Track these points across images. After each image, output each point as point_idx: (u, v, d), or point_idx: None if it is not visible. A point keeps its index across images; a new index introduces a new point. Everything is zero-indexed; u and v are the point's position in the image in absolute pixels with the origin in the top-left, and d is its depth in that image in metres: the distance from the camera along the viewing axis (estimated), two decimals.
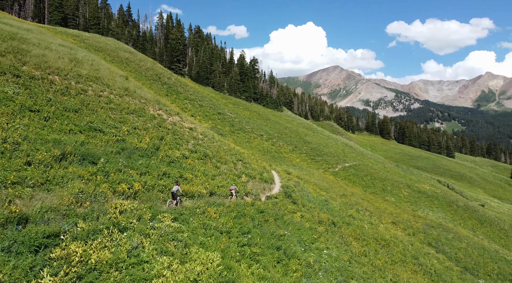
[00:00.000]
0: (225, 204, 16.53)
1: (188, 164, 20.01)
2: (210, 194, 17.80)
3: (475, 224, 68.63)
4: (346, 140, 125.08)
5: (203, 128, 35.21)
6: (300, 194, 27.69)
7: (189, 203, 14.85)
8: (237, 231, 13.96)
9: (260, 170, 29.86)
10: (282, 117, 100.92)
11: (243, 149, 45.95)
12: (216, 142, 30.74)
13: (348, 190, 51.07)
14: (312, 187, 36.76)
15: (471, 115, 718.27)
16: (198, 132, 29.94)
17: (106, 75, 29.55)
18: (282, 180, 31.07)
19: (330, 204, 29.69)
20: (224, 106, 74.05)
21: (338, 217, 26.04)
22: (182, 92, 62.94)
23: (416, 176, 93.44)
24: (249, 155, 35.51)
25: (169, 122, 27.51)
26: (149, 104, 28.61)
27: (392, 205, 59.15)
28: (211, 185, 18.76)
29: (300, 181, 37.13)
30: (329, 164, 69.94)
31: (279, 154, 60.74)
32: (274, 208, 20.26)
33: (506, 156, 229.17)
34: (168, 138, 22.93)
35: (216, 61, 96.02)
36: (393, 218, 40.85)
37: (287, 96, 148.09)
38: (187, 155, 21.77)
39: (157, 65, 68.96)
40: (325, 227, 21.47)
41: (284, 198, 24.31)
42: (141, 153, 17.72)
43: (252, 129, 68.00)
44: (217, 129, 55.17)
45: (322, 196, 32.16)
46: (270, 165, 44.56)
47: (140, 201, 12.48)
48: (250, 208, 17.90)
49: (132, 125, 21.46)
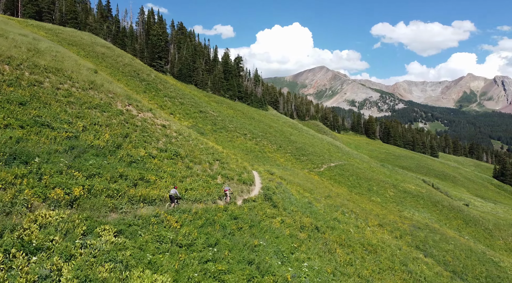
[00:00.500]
0: (192, 211, 14.35)
1: (153, 164, 17.73)
2: None
3: (460, 224, 68.20)
4: (331, 139, 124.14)
5: (179, 125, 32.88)
6: (282, 196, 25.71)
7: (146, 210, 12.61)
8: (202, 243, 11.81)
9: (239, 171, 27.76)
10: (267, 116, 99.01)
11: (223, 149, 43.72)
12: (192, 141, 28.48)
13: (333, 191, 49.47)
14: (295, 188, 34.87)
15: (453, 115, 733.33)
16: (172, 130, 27.62)
17: (70, 67, 26.91)
18: (263, 181, 29.04)
19: (314, 206, 27.82)
20: (207, 104, 71.64)
21: (322, 221, 24.16)
22: (162, 89, 60.27)
23: (402, 175, 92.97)
24: (228, 154, 33.37)
25: (139, 118, 25.12)
26: (117, 99, 26.13)
27: (378, 206, 57.93)
28: (178, 188, 16.54)
29: (283, 182, 35.20)
30: (314, 164, 68.39)
31: (262, 154, 58.75)
32: (250, 213, 18.18)
33: (488, 155, 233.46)
34: (134, 136, 20.59)
35: (199, 58, 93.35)
36: (379, 220, 39.35)
37: (273, 95, 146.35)
38: (154, 154, 19.48)
39: (136, 61, 66.04)
40: (308, 233, 19.52)
41: (264, 201, 22.28)
42: (95, 151, 15.37)
43: (235, 128, 65.81)
44: (197, 127, 52.80)
45: (305, 198, 30.29)
46: (252, 165, 42.52)
47: (79, 210, 10.21)
48: (222, 214, 15.77)
49: (91, 120, 19.03)
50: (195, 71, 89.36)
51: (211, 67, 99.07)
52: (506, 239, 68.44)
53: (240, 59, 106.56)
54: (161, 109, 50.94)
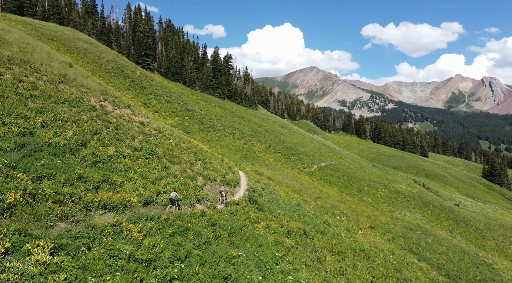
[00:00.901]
0: (161, 217, 12.55)
1: (123, 165, 15.87)
2: (145, 203, 13.78)
3: (451, 225, 67.57)
4: (322, 139, 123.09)
5: (161, 123, 30.95)
6: (269, 198, 24.04)
7: (105, 218, 10.78)
8: (169, 256, 10.05)
9: (224, 171, 26.01)
10: (257, 115, 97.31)
11: (209, 148, 41.90)
12: (174, 139, 26.62)
13: (323, 192, 48.03)
14: (284, 189, 33.26)
15: (442, 116, 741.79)
16: (151, 127, 25.72)
17: (40, 59, 24.82)
18: (249, 182, 27.34)
19: (303, 209, 26.22)
20: (194, 103, 69.66)
21: (311, 224, 22.55)
22: (147, 86, 58.13)
23: (393, 175, 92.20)
24: (213, 154, 31.58)
25: (114, 115, 23.17)
26: (91, 93, 24.14)
27: (370, 207, 56.76)
28: (149, 191, 14.74)
29: (271, 182, 33.56)
30: (304, 164, 66.96)
31: (251, 154, 57.06)
32: (232, 218, 16.46)
33: (477, 155, 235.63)
34: (105, 133, 18.68)
35: (187, 56, 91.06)
36: (371, 222, 37.98)
37: (263, 95, 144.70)
38: (126, 153, 17.61)
39: (120, 58, 63.72)
40: (295, 239, 17.87)
41: (248, 204, 20.56)
42: (53, 150, 13.47)
43: (223, 127, 63.99)
44: (184, 126, 50.87)
45: (294, 200, 28.68)
46: (239, 165, 40.83)
47: (12, 220, 8.35)
48: (197, 220, 14.02)
49: (55, 116, 17.08)
50: (183, 69, 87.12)
51: (199, 65, 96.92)
52: (497, 239, 67.96)
53: (229, 57, 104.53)
54: (146, 107, 48.93)
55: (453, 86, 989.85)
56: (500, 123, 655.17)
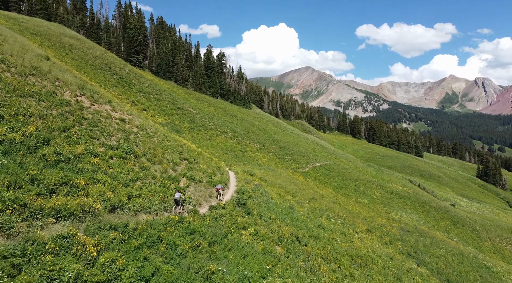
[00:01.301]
0: (128, 226, 10.76)
1: (91, 165, 14.03)
2: (112, 209, 11.95)
3: (448, 225, 66.46)
4: (317, 139, 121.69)
5: (146, 121, 29.09)
6: (259, 200, 22.31)
7: (52, 230, 8.95)
8: (131, 275, 8.28)
9: (211, 172, 24.24)
10: (250, 114, 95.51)
11: (199, 147, 40.09)
12: (158, 137, 24.80)
13: (318, 192, 46.43)
14: (276, 190, 31.56)
15: (436, 116, 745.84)
16: (133, 125, 23.86)
17: (10, 50, 22.87)
18: (239, 184, 25.60)
19: (296, 211, 24.52)
20: (186, 101, 67.70)
21: (304, 229, 20.88)
22: (136, 84, 56.10)
23: (388, 175, 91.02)
24: (202, 153, 29.79)
25: (91, 110, 21.29)
26: (66, 88, 22.23)
27: (365, 208, 55.34)
28: (119, 194, 12.91)
29: (263, 183, 31.84)
30: (299, 164, 65.38)
31: (244, 153, 55.30)
32: (215, 224, 14.70)
33: (471, 155, 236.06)
34: (76, 130, 16.82)
35: (179, 53, 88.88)
36: (367, 224, 36.43)
37: (257, 94, 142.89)
38: (98, 152, 15.76)
39: (109, 55, 61.56)
40: (286, 247, 16.17)
41: (235, 207, 18.82)
42: (5, 148, 11.62)
43: (215, 126, 62.16)
44: (173, 125, 48.97)
45: (287, 202, 26.98)
46: (230, 165, 39.08)
47: None
48: (173, 228, 12.24)
49: (17, 110, 15.21)
50: (175, 67, 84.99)
51: (192, 63, 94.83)
52: (494, 240, 66.93)
53: (222, 55, 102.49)
54: (133, 105, 47.00)
55: (446, 87, 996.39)
56: (493, 123, 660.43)
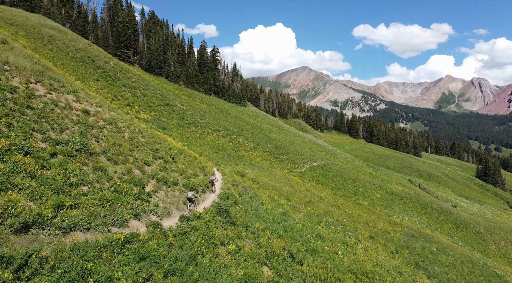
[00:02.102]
0: (40, 253, 7.26)
1: (12, 164, 10.52)
2: (23, 228, 8.43)
3: (451, 228, 63.44)
4: (314, 138, 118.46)
5: (120, 115, 25.54)
6: (246, 207, 18.87)
7: None
8: None
9: (192, 173, 20.78)
10: (245, 112, 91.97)
11: (186, 146, 36.66)
12: (130, 133, 21.31)
13: (315, 195, 43.07)
14: (269, 193, 28.12)
15: (432, 116, 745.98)
16: (99, 118, 20.35)
17: None
18: (225, 186, 22.16)
19: (290, 219, 21.11)
20: (176, 98, 64.14)
21: (299, 241, 17.47)
22: (121, 78, 52.50)
23: (388, 176, 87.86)
24: (183, 151, 26.29)
25: (45, 99, 17.76)
26: (17, 73, 18.68)
27: (366, 210, 52.12)
28: (42, 205, 9.39)
29: (254, 185, 28.41)
30: (295, 164, 62.02)
31: (236, 152, 51.85)
32: (182, 242, 11.23)
33: (469, 155, 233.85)
34: (10, 120, 13.31)
35: (171, 49, 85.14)
36: (370, 230, 33.10)
37: (253, 92, 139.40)
38: (33, 148, 12.24)
39: (93, 47, 57.85)
40: (276, 268, 12.74)
41: (216, 216, 15.36)
42: None
43: (207, 123, 58.68)
44: (159, 121, 45.44)
45: (280, 207, 23.58)
46: (219, 165, 35.62)
47: None
48: (112, 253, 8.72)
49: None
50: (166, 62, 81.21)
51: (184, 59, 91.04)
52: (498, 244, 63.84)
53: (216, 50, 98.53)
54: (116, 100, 43.44)
55: (443, 87, 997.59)
56: (489, 123, 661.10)
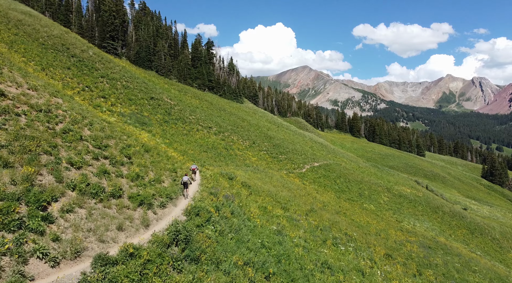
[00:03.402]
0: None
1: None
2: None
3: (466, 235, 58.01)
4: (315, 136, 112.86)
5: (67, 102, 19.90)
6: (222, 227, 13.22)
7: None
8: None
9: (153, 178, 15.17)
10: (242, 108, 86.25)
11: (162, 143, 31.01)
12: (69, 123, 15.68)
13: (318, 200, 37.43)
14: (261, 201, 22.51)
15: (433, 115, 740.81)
16: (22, 102, 14.73)
17: None
18: (199, 195, 16.52)
19: (286, 240, 15.50)
20: (164, 92, 58.50)
21: (300, 278, 11.90)
22: (100, 68, 46.87)
23: (394, 177, 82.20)
24: (153, 148, 20.61)
25: None
26: None
27: (374, 216, 46.55)
28: None
29: (244, 192, 22.79)
30: (295, 164, 56.44)
31: (228, 151, 46.22)
32: None
33: (472, 154, 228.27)
34: None
35: (161, 40, 79.32)
36: (384, 244, 27.51)
37: (251, 89, 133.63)
38: None
39: (70, 35, 52.19)
40: None
41: (167, 248, 9.73)
42: None
43: (197, 119, 53.10)
44: (139, 116, 39.80)
45: (274, 222, 17.98)
46: (204, 165, 30.02)
47: None
48: None
49: None
50: (156, 55, 75.46)
51: (177, 52, 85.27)
52: None
53: (211, 44, 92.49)
54: (89, 91, 37.78)
55: (443, 86, 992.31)
56: (490, 122, 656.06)
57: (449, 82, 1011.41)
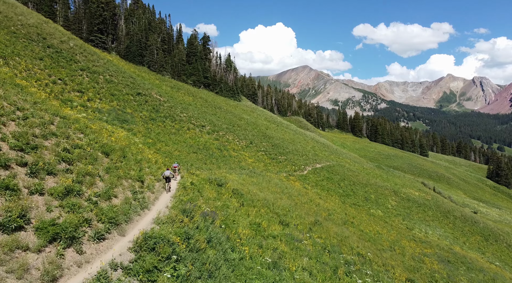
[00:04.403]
0: None
1: None
2: None
3: (480, 242, 53.70)
4: (317, 136, 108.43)
5: (13, 94, 15.48)
6: (188, 268, 8.83)
7: None
8: None
9: (101, 191, 10.82)
10: (239, 106, 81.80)
11: (140, 142, 26.53)
12: None
13: (321, 207, 33.01)
14: (255, 215, 18.12)
15: (434, 115, 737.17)
16: None
17: None
18: (169, 213, 12.11)
19: (284, 278, 11.14)
20: (154, 87, 54.11)
21: None
22: (80, 61, 42.47)
23: (400, 178, 77.79)
24: (118, 149, 16.16)
25: None
26: None
27: (382, 223, 42.16)
28: None
29: (233, 204, 18.41)
30: (295, 166, 52.07)
31: (222, 152, 41.80)
32: None
33: (476, 154, 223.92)
34: None
35: (153, 34, 74.80)
36: (402, 264, 23.09)
37: (250, 88, 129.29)
38: None
39: (49, 25, 47.79)
40: None
41: None
42: None
43: (189, 117, 48.74)
44: (121, 113, 35.40)
45: (269, 247, 13.61)
46: (191, 168, 25.63)
47: None
48: None
49: None
50: (148, 49, 71.03)
51: (171, 48, 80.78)
52: None
53: (207, 39, 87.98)
54: (62, 84, 33.34)
55: (444, 86, 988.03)
56: (491, 122, 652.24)
57: (450, 81, 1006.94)
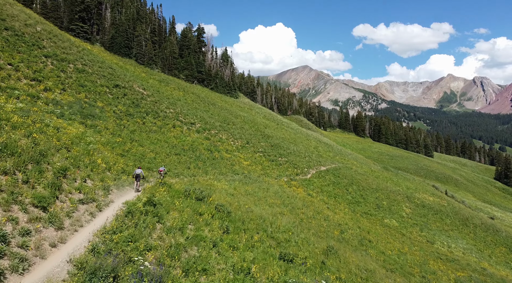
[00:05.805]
0: None
1: None
2: None
3: (506, 254, 47.65)
4: (319, 136, 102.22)
5: None
6: None
7: None
8: None
9: None
10: (236, 103, 75.60)
11: (105, 144, 20.35)
12: None
13: (332, 222, 26.78)
14: (243, 248, 12.01)
15: (434, 115, 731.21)
16: None
17: None
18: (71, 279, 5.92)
19: None
20: (137, 80, 47.91)
21: None
22: (47, 47, 36.26)
23: (411, 182, 71.53)
24: None
25: None
26: None
27: (400, 236, 36.05)
28: None
29: (214, 228, 12.30)
30: (297, 169, 45.85)
31: (212, 154, 35.56)
32: None
33: (481, 155, 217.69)
34: None
35: (142, 24, 68.44)
36: None
37: (249, 85, 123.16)
38: None
39: (14, 7, 41.06)
40: None
41: None
42: None
43: (176, 114, 42.54)
44: (87, 106, 29.14)
45: None
46: (160, 178, 19.42)
47: None
48: None
49: None
50: (136, 40, 64.80)
51: (161, 39, 74.54)
52: None
53: (202, 31, 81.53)
54: (12, 70, 27.11)
55: (444, 86, 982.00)
56: (492, 122, 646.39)
57: (450, 81, 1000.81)
